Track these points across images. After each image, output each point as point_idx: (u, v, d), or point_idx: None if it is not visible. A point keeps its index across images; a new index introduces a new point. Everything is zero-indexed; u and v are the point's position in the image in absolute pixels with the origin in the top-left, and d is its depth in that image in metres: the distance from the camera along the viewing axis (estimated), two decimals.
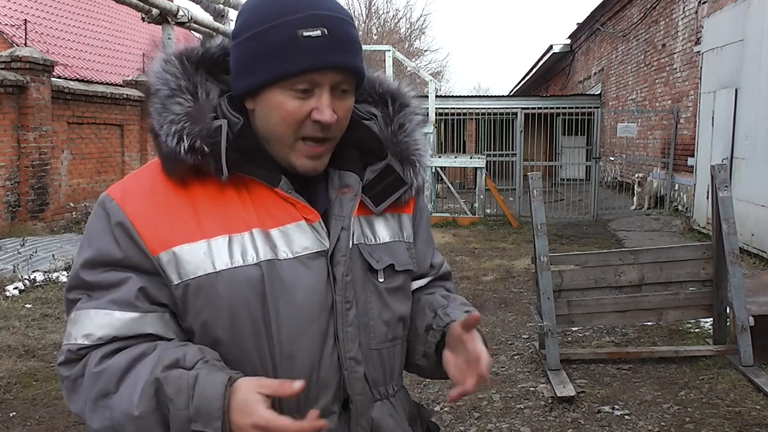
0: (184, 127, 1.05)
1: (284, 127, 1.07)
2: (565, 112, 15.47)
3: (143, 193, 1.09)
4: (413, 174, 1.21)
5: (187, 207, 1.08)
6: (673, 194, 12.43)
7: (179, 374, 0.98)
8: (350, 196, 1.13)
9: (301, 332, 1.07)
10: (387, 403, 1.17)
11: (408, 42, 36.39)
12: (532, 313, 5.19)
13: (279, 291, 1.06)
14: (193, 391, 0.96)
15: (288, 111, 1.06)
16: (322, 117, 1.05)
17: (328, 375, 1.09)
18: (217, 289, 1.04)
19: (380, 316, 1.15)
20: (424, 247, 1.30)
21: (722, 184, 4.58)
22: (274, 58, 1.04)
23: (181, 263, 1.05)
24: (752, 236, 8.00)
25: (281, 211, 1.09)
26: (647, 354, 4.72)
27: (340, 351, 1.10)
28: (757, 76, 8.09)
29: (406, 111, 1.23)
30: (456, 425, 3.81)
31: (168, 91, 1.08)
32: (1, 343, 5.14)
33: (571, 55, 23.00)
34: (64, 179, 11.14)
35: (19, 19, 13.96)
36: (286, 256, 1.07)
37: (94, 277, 1.06)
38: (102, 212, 1.09)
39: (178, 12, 7.79)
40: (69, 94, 11.01)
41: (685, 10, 11.92)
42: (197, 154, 1.05)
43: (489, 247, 9.72)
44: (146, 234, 1.06)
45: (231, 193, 1.09)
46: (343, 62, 1.06)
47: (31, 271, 7.20)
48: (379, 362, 1.16)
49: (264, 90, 1.06)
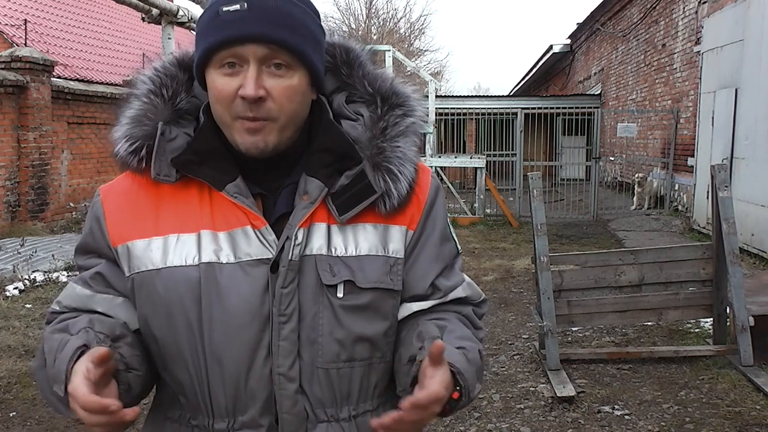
0: (128, 130, 1.10)
1: (219, 106, 1.05)
2: (565, 112, 15.46)
3: (122, 190, 1.15)
4: (386, 182, 1.10)
5: (150, 205, 1.11)
6: (673, 194, 12.42)
7: (59, 336, 1.05)
8: (303, 204, 1.07)
9: (231, 339, 1.05)
10: (336, 426, 1.09)
11: (408, 42, 36.38)
12: (532, 313, 5.19)
13: (214, 294, 1.05)
14: (60, 353, 1.00)
15: (218, 89, 1.04)
16: (244, 91, 1.02)
17: (257, 387, 1.05)
18: (156, 285, 1.07)
19: (331, 333, 1.07)
20: (427, 266, 1.15)
21: (722, 184, 4.58)
22: (201, 37, 1.06)
23: (131, 257, 1.09)
24: (752, 236, 8.00)
25: (233, 215, 1.07)
26: (647, 354, 4.72)
27: (272, 365, 1.05)
28: (757, 76, 8.09)
29: (395, 113, 1.14)
30: (456, 425, 3.81)
31: (138, 95, 1.14)
32: (1, 343, 5.14)
33: (571, 55, 22.99)
34: (64, 179, 11.13)
35: (19, 19, 13.97)
36: (228, 260, 1.05)
37: (83, 261, 1.17)
38: (92, 205, 1.19)
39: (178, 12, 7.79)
40: (69, 94, 11.00)
41: (685, 10, 11.92)
42: (138, 157, 1.09)
43: (489, 247, 9.72)
44: (111, 228, 1.12)
45: (193, 194, 1.10)
46: (261, 32, 1.01)
47: (31, 271, 7.20)
48: (327, 382, 1.08)
49: (207, 75, 1.07)
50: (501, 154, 15.94)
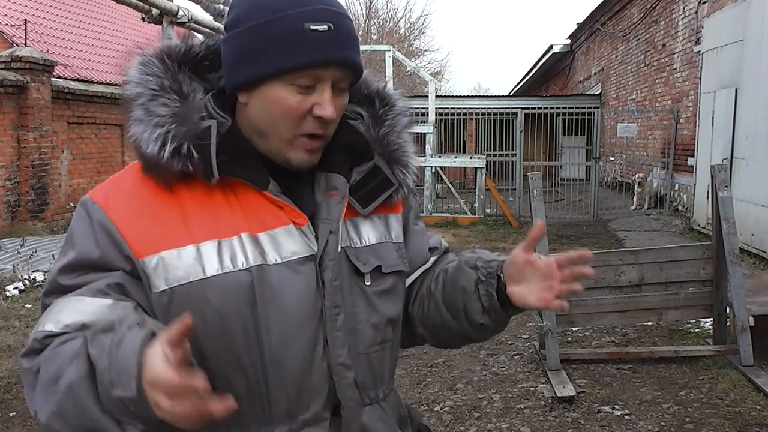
0: (169, 130, 1.02)
1: (285, 122, 1.05)
2: (565, 112, 15.46)
3: (126, 195, 1.06)
4: (403, 174, 1.19)
5: (173, 210, 1.04)
6: (673, 194, 12.43)
7: (108, 336, 0.90)
8: (337, 199, 1.11)
9: (291, 338, 1.04)
10: (377, 407, 1.15)
11: (408, 42, 36.39)
12: (532, 313, 5.19)
13: (269, 297, 1.03)
14: (117, 350, 0.87)
15: (290, 106, 1.03)
16: (324, 113, 1.04)
17: (319, 381, 1.07)
18: (206, 295, 1.01)
19: (368, 319, 1.12)
20: (419, 239, 1.28)
21: (722, 184, 4.58)
22: (279, 50, 1.01)
23: (169, 268, 1.01)
24: (752, 236, 8.00)
25: (269, 215, 1.06)
26: (647, 354, 4.73)
27: (330, 357, 1.07)
28: (757, 76, 8.09)
29: (393, 112, 1.20)
30: (456, 425, 3.81)
31: (149, 94, 1.05)
32: (1, 343, 5.14)
33: (571, 55, 22.99)
34: (64, 179, 11.13)
35: (19, 19, 13.97)
36: (275, 261, 1.04)
37: (72, 280, 1.02)
38: (84, 215, 1.05)
39: (178, 12, 7.79)
40: (69, 94, 11.01)
41: (685, 10, 11.92)
42: (183, 159, 1.02)
43: (489, 247, 9.72)
44: (131, 237, 1.02)
45: (218, 196, 1.06)
46: (347, 58, 1.04)
47: (31, 271, 7.20)
48: (368, 366, 1.13)
49: (263, 83, 1.03)
50: (501, 154, 15.95)
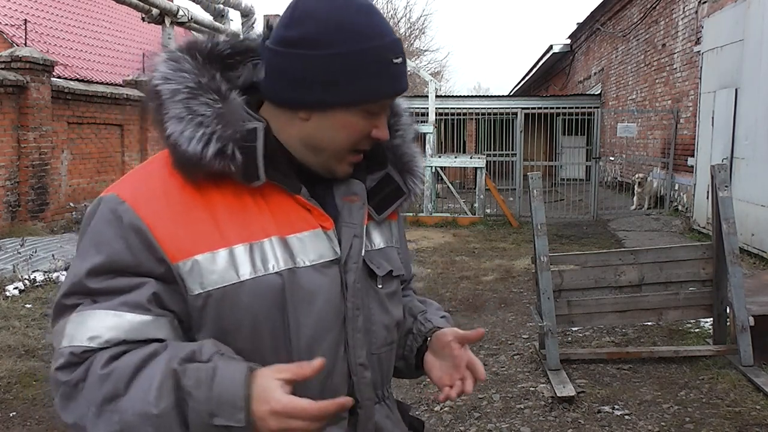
0: (215, 130, 1.01)
1: (347, 143, 1.09)
2: (565, 112, 15.45)
3: (156, 195, 1.03)
4: (413, 184, 1.23)
5: (204, 212, 1.03)
6: (673, 194, 12.43)
7: (197, 367, 0.93)
8: (359, 204, 1.15)
9: (319, 340, 1.07)
10: (384, 405, 1.18)
11: (408, 42, 36.37)
12: (532, 313, 5.19)
13: (299, 300, 1.05)
14: (212, 382, 0.91)
15: (357, 129, 1.09)
16: (383, 136, 1.11)
17: (339, 382, 1.09)
18: (240, 298, 1.01)
19: (381, 321, 1.16)
20: (405, 252, 1.32)
21: (722, 184, 4.58)
22: (367, 81, 1.05)
23: (203, 272, 1.00)
24: (752, 236, 8.00)
25: (298, 218, 1.08)
26: (647, 354, 4.72)
27: (350, 357, 1.10)
28: (757, 76, 8.09)
29: (402, 120, 1.24)
30: (456, 425, 3.81)
31: (187, 92, 1.03)
32: (1, 343, 5.14)
33: (571, 55, 23.00)
34: (64, 179, 11.13)
35: (19, 19, 13.97)
36: (304, 264, 1.06)
37: (101, 284, 0.99)
38: (110, 215, 1.01)
39: (178, 12, 7.79)
40: (69, 94, 11.00)
41: (685, 10, 11.92)
42: (225, 159, 1.01)
43: (489, 247, 9.72)
44: (166, 240, 1.00)
45: (247, 198, 1.06)
46: (405, 87, 1.11)
47: (31, 271, 7.19)
48: (378, 366, 1.17)
49: (336, 107, 1.06)
50: (501, 154, 15.94)
